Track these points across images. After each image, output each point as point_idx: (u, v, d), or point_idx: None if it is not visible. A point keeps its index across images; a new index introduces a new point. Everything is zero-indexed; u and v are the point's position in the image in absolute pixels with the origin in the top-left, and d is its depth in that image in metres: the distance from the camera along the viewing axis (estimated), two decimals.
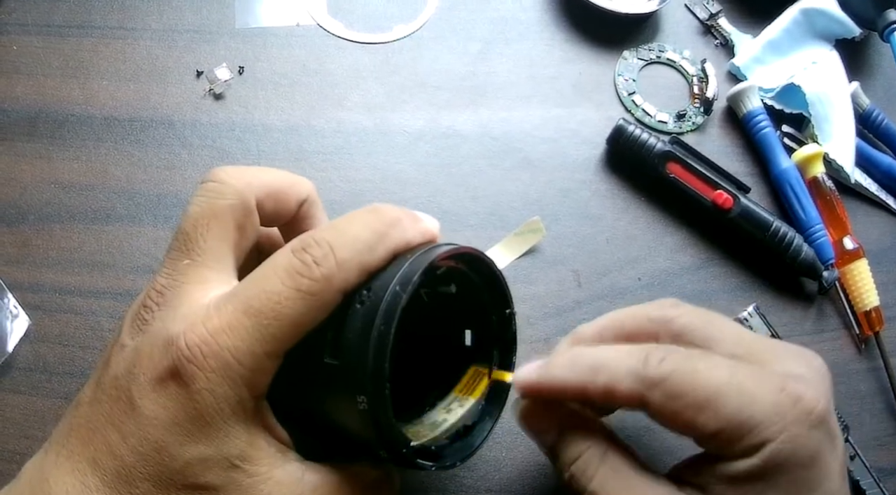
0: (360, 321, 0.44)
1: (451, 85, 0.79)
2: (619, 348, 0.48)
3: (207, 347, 0.42)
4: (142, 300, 0.47)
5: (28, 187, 0.68)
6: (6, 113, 0.71)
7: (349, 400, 0.44)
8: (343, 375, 0.44)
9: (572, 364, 0.47)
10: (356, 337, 0.44)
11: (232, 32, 0.78)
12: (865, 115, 0.83)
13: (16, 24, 0.75)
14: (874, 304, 0.73)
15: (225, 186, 0.48)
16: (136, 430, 0.42)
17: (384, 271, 0.46)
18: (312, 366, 0.46)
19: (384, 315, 0.43)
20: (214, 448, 0.42)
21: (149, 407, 0.42)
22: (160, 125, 0.72)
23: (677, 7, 0.88)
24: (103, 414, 0.44)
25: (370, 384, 0.43)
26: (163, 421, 0.42)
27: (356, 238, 0.45)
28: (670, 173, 0.74)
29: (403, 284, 0.44)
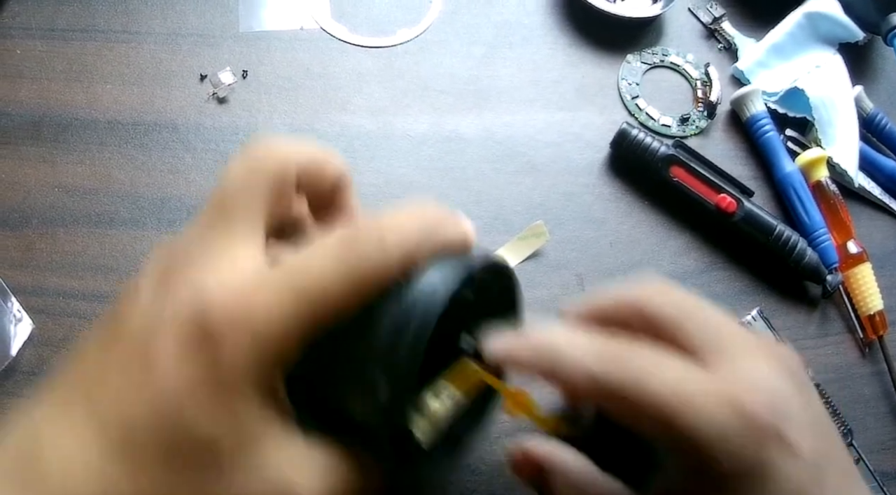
0: (398, 311, 0.44)
1: (455, 89, 0.79)
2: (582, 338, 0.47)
3: (243, 316, 0.41)
4: (166, 253, 0.46)
5: (32, 191, 0.68)
6: (10, 117, 0.71)
7: (368, 382, 0.44)
8: (370, 355, 0.44)
9: (531, 346, 0.47)
10: (391, 325, 0.44)
11: (235, 36, 0.78)
12: (869, 118, 0.83)
13: (20, 28, 0.75)
14: (878, 308, 0.73)
15: (267, 153, 0.47)
16: (150, 390, 0.41)
17: (426, 268, 0.46)
18: (338, 345, 0.46)
19: (424, 310, 0.44)
20: (230, 413, 0.41)
21: (169, 369, 0.41)
22: (164, 129, 0.72)
23: (681, 11, 0.88)
24: (114, 368, 0.43)
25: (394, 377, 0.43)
26: (180, 383, 0.41)
27: (405, 230, 0.45)
28: (674, 177, 0.74)
29: (445, 285, 0.45)
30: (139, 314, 0.44)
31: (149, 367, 0.41)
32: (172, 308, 0.42)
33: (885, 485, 0.68)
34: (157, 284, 0.44)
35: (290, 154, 0.48)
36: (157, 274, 0.45)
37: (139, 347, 0.42)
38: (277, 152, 0.48)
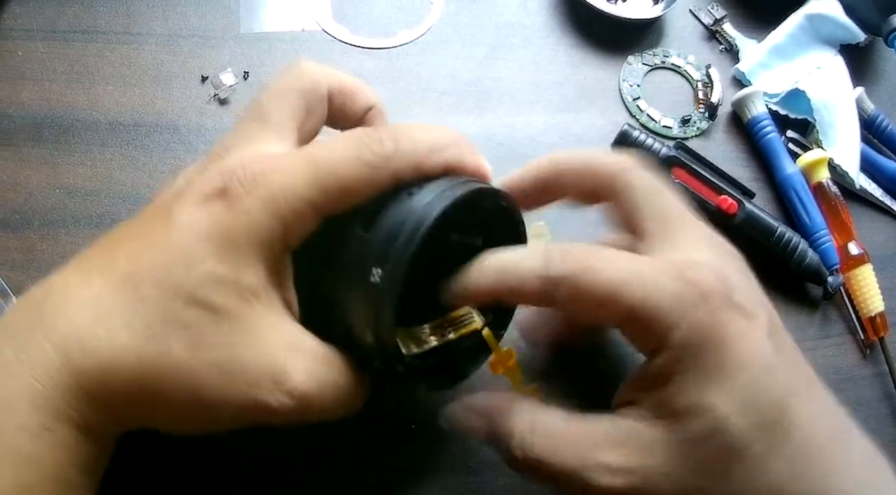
0: (404, 208, 0.46)
1: (456, 90, 0.79)
2: (526, 249, 0.50)
3: (262, 177, 0.44)
4: (207, 155, 0.50)
5: (33, 192, 0.68)
6: (11, 118, 0.71)
7: (364, 272, 0.45)
8: (370, 246, 0.46)
9: (483, 269, 0.49)
10: (396, 219, 0.46)
11: (237, 37, 0.78)
12: (870, 120, 0.83)
13: (21, 30, 0.75)
14: (879, 310, 0.73)
15: (303, 71, 0.52)
16: (163, 238, 0.44)
17: (437, 178, 0.49)
18: (342, 237, 0.47)
19: (428, 208, 0.46)
20: (233, 272, 0.43)
21: (185, 219, 0.44)
22: (165, 130, 0.72)
23: (682, 12, 0.88)
24: (134, 230, 0.47)
25: (392, 260, 0.45)
26: (194, 232, 0.43)
27: (419, 138, 0.48)
28: (675, 178, 0.74)
29: (454, 189, 0.47)
30: (170, 191, 0.49)
31: (167, 221, 0.44)
32: (201, 177, 0.46)
33: None
34: (191, 173, 0.50)
35: (322, 72, 0.53)
36: (196, 167, 0.50)
37: (163, 210, 0.46)
38: (311, 70, 0.52)
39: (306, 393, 0.45)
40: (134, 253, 0.44)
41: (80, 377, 0.41)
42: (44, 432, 0.40)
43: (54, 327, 0.42)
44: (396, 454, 0.61)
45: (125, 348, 0.42)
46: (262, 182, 0.44)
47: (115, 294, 0.43)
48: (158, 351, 0.42)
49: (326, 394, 0.46)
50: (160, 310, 0.42)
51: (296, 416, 0.46)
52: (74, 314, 0.42)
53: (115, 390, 0.42)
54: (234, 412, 0.44)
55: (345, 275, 0.47)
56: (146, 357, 0.42)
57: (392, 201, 0.47)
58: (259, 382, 0.43)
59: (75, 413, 0.42)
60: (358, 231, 0.47)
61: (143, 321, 0.42)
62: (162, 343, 0.42)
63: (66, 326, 0.42)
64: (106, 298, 0.43)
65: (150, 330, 0.42)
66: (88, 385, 0.41)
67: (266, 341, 0.44)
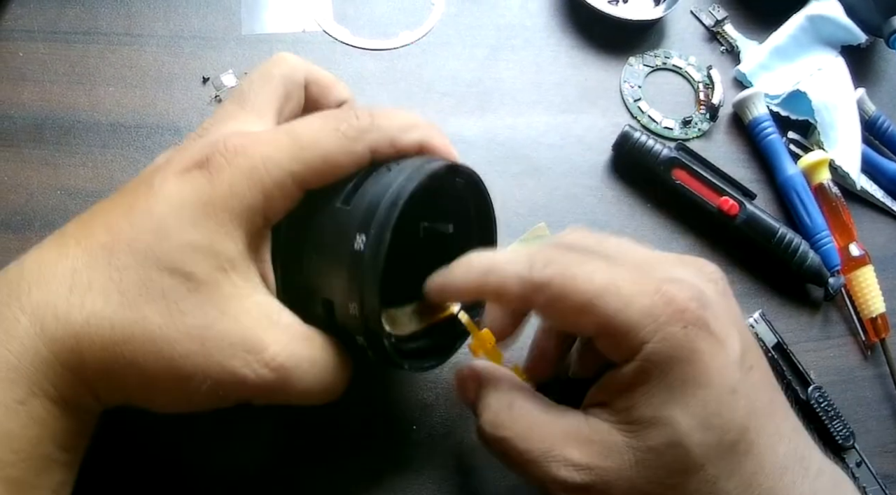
0: (383, 181, 0.47)
1: (457, 91, 0.79)
2: (511, 253, 0.50)
3: (243, 148, 0.45)
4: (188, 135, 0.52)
5: (34, 193, 0.68)
6: (12, 119, 0.71)
7: (347, 241, 0.46)
8: (351, 216, 0.46)
9: (468, 267, 0.49)
10: (376, 190, 0.47)
11: (238, 39, 0.78)
12: (871, 121, 0.83)
13: (22, 31, 0.75)
14: (880, 311, 0.73)
15: (281, 60, 0.54)
16: (142, 207, 0.44)
17: (412, 157, 0.50)
18: (323, 211, 0.48)
19: (409, 177, 0.47)
20: (211, 241, 0.44)
21: (165, 189, 0.44)
22: (166, 131, 0.72)
23: (683, 13, 0.88)
24: (114, 202, 0.47)
25: (375, 225, 0.45)
26: (174, 201, 0.44)
27: (394, 116, 0.50)
28: (676, 179, 0.74)
29: (431, 164, 0.48)
30: (150, 167, 0.50)
31: (147, 192, 0.45)
32: (183, 151, 0.47)
33: (887, 488, 0.68)
34: (171, 151, 0.52)
35: (300, 62, 0.55)
36: (176, 147, 0.52)
37: (144, 182, 0.46)
38: (290, 59, 0.55)
39: (284, 366, 0.45)
40: (112, 223, 0.44)
41: (54, 346, 0.41)
42: (18, 406, 0.40)
43: (28, 299, 0.41)
44: (397, 454, 0.61)
45: (100, 316, 0.42)
46: (242, 153, 0.45)
47: (91, 263, 0.43)
48: (134, 318, 0.42)
49: (305, 371, 0.47)
50: (136, 278, 0.42)
51: (275, 393, 0.46)
52: (49, 285, 0.42)
53: (90, 360, 0.42)
54: (212, 384, 0.44)
55: (327, 248, 0.47)
56: (121, 325, 0.42)
57: (371, 176, 0.48)
58: (235, 353, 0.44)
59: (51, 386, 0.42)
60: (338, 204, 0.47)
61: (119, 289, 0.42)
62: (137, 311, 0.42)
63: (41, 297, 0.42)
64: (81, 268, 0.43)
65: (125, 297, 0.42)
66: (63, 354, 0.41)
67: (242, 311, 0.45)
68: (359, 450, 0.60)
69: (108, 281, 0.42)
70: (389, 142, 0.49)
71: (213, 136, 0.47)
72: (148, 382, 0.44)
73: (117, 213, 0.45)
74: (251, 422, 0.58)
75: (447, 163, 0.49)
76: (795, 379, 0.69)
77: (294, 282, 0.49)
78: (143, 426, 0.51)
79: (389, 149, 0.49)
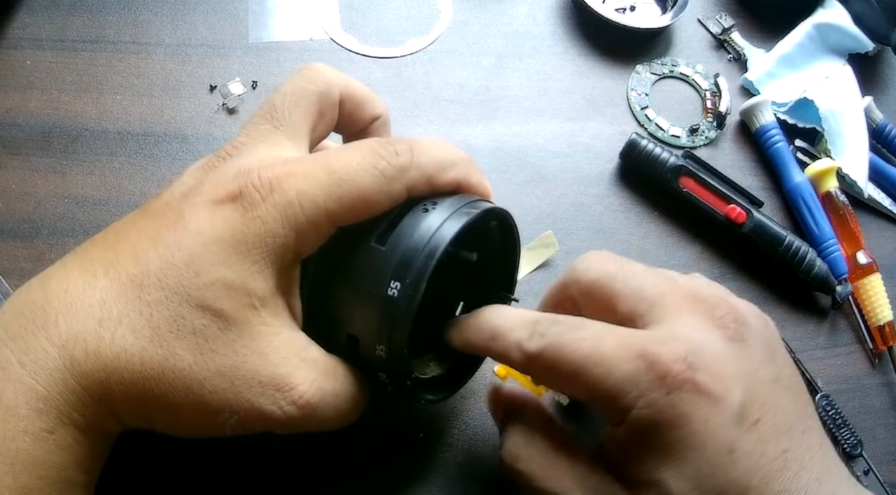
0: (422, 224, 0.47)
1: (464, 99, 0.79)
2: (518, 317, 0.50)
3: (277, 183, 0.44)
4: (215, 153, 0.49)
5: (42, 202, 0.68)
6: (20, 127, 0.71)
7: (380, 284, 0.45)
8: (386, 259, 0.46)
9: (478, 330, 0.51)
10: (414, 234, 0.46)
11: (245, 47, 0.78)
12: (879, 129, 0.83)
13: (30, 39, 0.75)
14: (888, 319, 0.73)
15: (317, 75, 0.51)
16: (172, 240, 0.43)
17: (448, 195, 0.50)
18: (355, 248, 0.47)
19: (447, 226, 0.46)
20: (242, 279, 0.43)
21: (196, 222, 0.43)
22: (173, 139, 0.72)
23: (690, 22, 0.88)
24: (140, 227, 0.45)
25: (412, 275, 0.45)
26: (206, 236, 0.43)
27: (433, 153, 0.49)
28: (683, 187, 0.74)
29: (469, 208, 0.48)
30: (179, 188, 0.47)
31: (177, 223, 0.44)
32: (214, 179, 0.45)
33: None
34: (201, 170, 0.48)
35: (336, 77, 0.52)
36: (202, 164, 0.49)
37: (172, 210, 0.45)
38: (326, 73, 0.52)
39: (310, 403, 0.45)
40: (141, 253, 0.43)
41: (83, 379, 0.41)
42: (46, 435, 0.40)
43: (57, 330, 0.41)
44: (404, 462, 0.61)
45: (130, 352, 0.41)
46: (277, 188, 0.43)
47: (121, 296, 0.42)
48: (164, 355, 0.42)
49: (329, 405, 0.46)
50: (167, 315, 0.42)
51: (298, 426, 0.46)
52: (78, 316, 0.41)
53: (118, 393, 0.42)
54: (238, 419, 0.44)
55: (358, 286, 0.47)
56: (151, 361, 0.41)
57: (407, 215, 0.47)
58: (264, 391, 0.43)
59: (77, 415, 0.41)
60: (372, 243, 0.47)
61: (150, 325, 0.42)
62: (168, 348, 0.42)
63: (70, 329, 0.41)
64: (111, 301, 0.42)
65: (155, 334, 0.42)
66: (91, 387, 0.41)
67: (272, 349, 0.44)
68: (366, 458, 0.60)
69: (138, 316, 0.42)
70: (427, 180, 0.48)
71: (245, 162, 0.46)
72: (175, 414, 0.44)
73: (145, 241, 0.44)
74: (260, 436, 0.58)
75: (484, 210, 0.49)
76: None
77: (319, 312, 0.49)
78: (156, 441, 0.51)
79: (426, 187, 0.48)
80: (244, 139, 0.49)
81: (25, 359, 0.40)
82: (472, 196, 0.51)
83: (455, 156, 0.50)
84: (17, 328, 0.42)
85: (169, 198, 0.46)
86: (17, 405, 0.40)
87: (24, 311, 0.42)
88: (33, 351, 0.41)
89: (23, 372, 0.40)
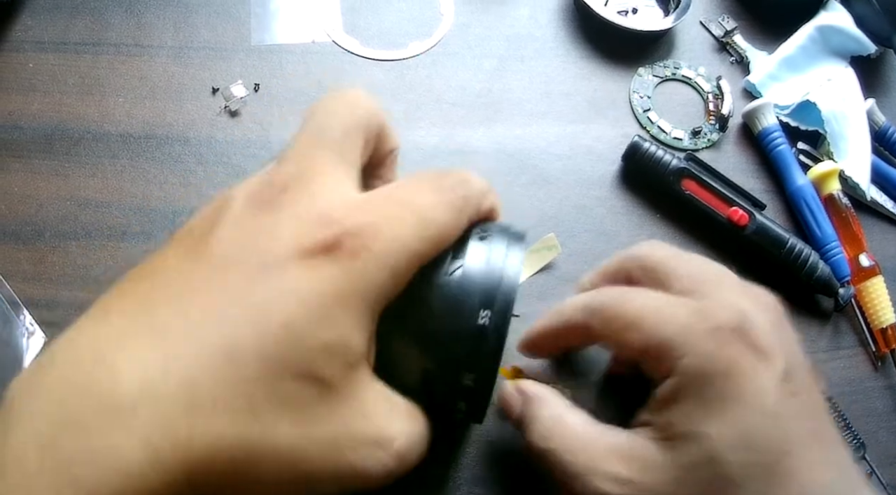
0: (491, 253, 0.47)
1: (467, 101, 0.79)
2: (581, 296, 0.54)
3: (373, 229, 0.40)
4: (264, 181, 0.43)
5: (44, 204, 0.68)
6: (22, 130, 0.71)
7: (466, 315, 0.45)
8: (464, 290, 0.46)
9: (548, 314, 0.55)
10: (486, 263, 0.47)
11: (247, 49, 0.78)
12: (881, 132, 0.83)
13: (32, 42, 0.75)
14: (890, 322, 0.73)
15: (361, 100, 0.48)
16: (262, 301, 0.38)
17: (491, 222, 0.51)
18: (426, 282, 0.46)
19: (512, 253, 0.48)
20: (343, 340, 0.39)
21: (288, 278, 0.38)
22: (176, 142, 0.72)
23: (692, 24, 0.88)
24: (212, 281, 0.39)
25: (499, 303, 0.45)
26: (303, 295, 0.38)
27: (478, 182, 0.48)
28: (686, 190, 0.74)
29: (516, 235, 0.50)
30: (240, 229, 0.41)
31: (262, 281, 0.38)
32: (291, 220, 0.40)
33: None
34: (255, 206, 0.42)
35: (376, 108, 0.49)
36: (253, 197, 0.42)
37: (248, 258, 0.39)
38: (372, 101, 0.48)
39: (403, 453, 0.43)
40: (226, 318, 0.37)
41: (167, 477, 0.34)
42: None
43: (135, 420, 0.34)
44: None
45: (227, 438, 0.36)
46: (376, 237, 0.40)
47: (212, 375, 0.36)
48: (263, 432, 0.37)
49: (415, 450, 0.44)
50: (265, 388, 0.37)
51: (392, 478, 0.43)
52: (162, 402, 0.34)
53: (208, 480, 0.36)
54: (336, 483, 0.40)
55: (439, 319, 0.46)
56: (249, 440, 0.36)
57: (468, 245, 0.48)
58: (370, 452, 0.41)
59: None
60: (444, 276, 0.46)
61: (248, 403, 0.36)
62: (270, 425, 0.37)
63: (153, 418, 0.34)
64: (201, 381, 0.35)
65: (255, 412, 0.36)
66: (177, 483, 0.34)
67: (370, 406, 0.42)
68: None
69: (234, 396, 0.36)
70: (477, 209, 0.48)
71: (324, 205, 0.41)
72: (268, 490, 0.39)
73: (226, 301, 0.38)
74: None
75: (524, 232, 0.51)
76: None
77: (386, 354, 0.46)
78: None
79: (476, 216, 0.48)
80: (298, 168, 0.43)
81: (99, 458, 0.33)
82: (502, 221, 0.52)
83: (487, 185, 0.50)
84: (80, 414, 0.34)
85: (233, 242, 0.40)
86: None
87: (86, 391, 0.34)
88: (107, 448, 0.33)
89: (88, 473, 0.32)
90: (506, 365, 0.58)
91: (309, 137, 0.45)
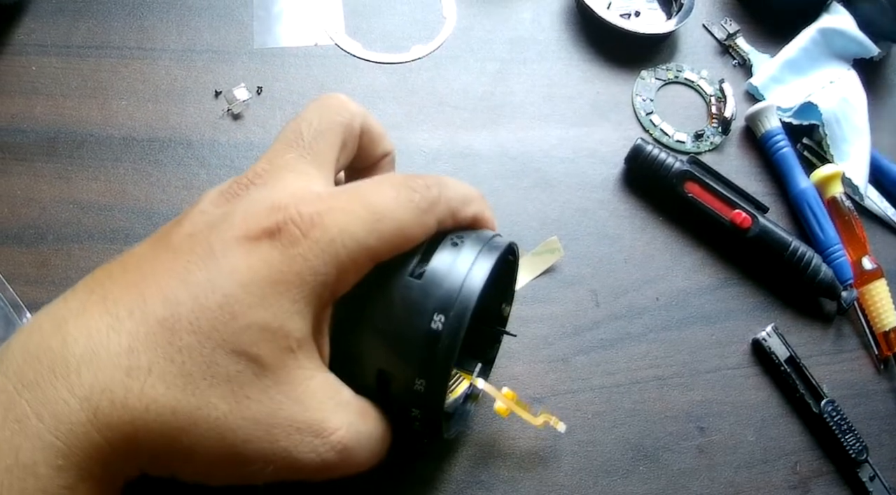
0: (457, 258, 0.47)
1: (469, 105, 0.79)
2: None
3: (318, 219, 0.42)
4: (235, 179, 0.47)
5: (47, 207, 0.68)
6: (25, 133, 0.71)
7: (422, 318, 0.45)
8: (425, 293, 0.46)
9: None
10: (450, 267, 0.46)
11: (250, 53, 0.78)
12: None
13: (35, 45, 0.75)
14: (893, 325, 0.73)
15: (341, 105, 0.50)
16: (204, 279, 0.40)
17: (470, 229, 0.51)
18: (390, 282, 0.46)
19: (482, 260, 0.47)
20: (280, 321, 0.41)
21: (230, 259, 0.41)
22: (178, 145, 0.72)
23: (695, 27, 0.88)
24: (165, 263, 0.42)
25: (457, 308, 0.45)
26: (242, 275, 0.40)
27: (457, 188, 0.50)
28: (688, 193, 0.74)
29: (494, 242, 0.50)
30: (203, 220, 0.44)
31: (208, 261, 0.41)
32: (244, 211, 0.43)
33: None
34: (222, 198, 0.46)
35: (358, 110, 0.51)
36: (221, 192, 0.46)
37: (200, 246, 0.42)
38: (350, 105, 0.51)
39: (347, 447, 0.43)
40: (170, 294, 0.40)
41: (108, 433, 0.37)
42: (66, 492, 0.37)
43: (79, 380, 0.37)
44: (407, 467, 0.61)
45: (161, 402, 0.38)
46: (318, 224, 0.42)
47: (150, 343, 0.39)
48: (197, 404, 0.39)
49: (363, 447, 0.45)
50: (200, 361, 0.39)
51: (334, 472, 0.44)
52: (103, 365, 0.38)
53: (145, 445, 0.39)
54: (274, 469, 0.42)
55: (395, 320, 0.46)
56: (183, 412, 0.39)
57: (438, 249, 0.48)
58: (302, 438, 0.42)
59: (99, 469, 0.38)
60: (408, 277, 0.46)
61: (182, 373, 0.39)
62: (201, 397, 0.39)
63: (94, 379, 0.37)
64: (140, 348, 0.38)
65: (188, 382, 0.39)
66: (116, 441, 0.38)
67: (308, 394, 0.42)
68: None
69: (169, 363, 0.39)
70: (452, 214, 0.48)
71: (277, 195, 0.43)
72: (205, 466, 0.41)
73: (173, 280, 0.41)
74: None
75: (508, 244, 0.51)
76: (808, 393, 0.69)
77: (343, 349, 0.47)
78: None
79: (451, 221, 0.49)
80: (268, 166, 0.46)
81: (44, 412, 0.37)
82: (490, 230, 0.52)
83: (473, 193, 0.51)
84: (33, 376, 0.38)
85: (192, 230, 0.43)
86: (36, 463, 0.36)
87: (39, 357, 0.38)
88: (53, 403, 0.37)
89: (41, 426, 0.36)
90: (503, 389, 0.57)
91: (282, 139, 0.48)
